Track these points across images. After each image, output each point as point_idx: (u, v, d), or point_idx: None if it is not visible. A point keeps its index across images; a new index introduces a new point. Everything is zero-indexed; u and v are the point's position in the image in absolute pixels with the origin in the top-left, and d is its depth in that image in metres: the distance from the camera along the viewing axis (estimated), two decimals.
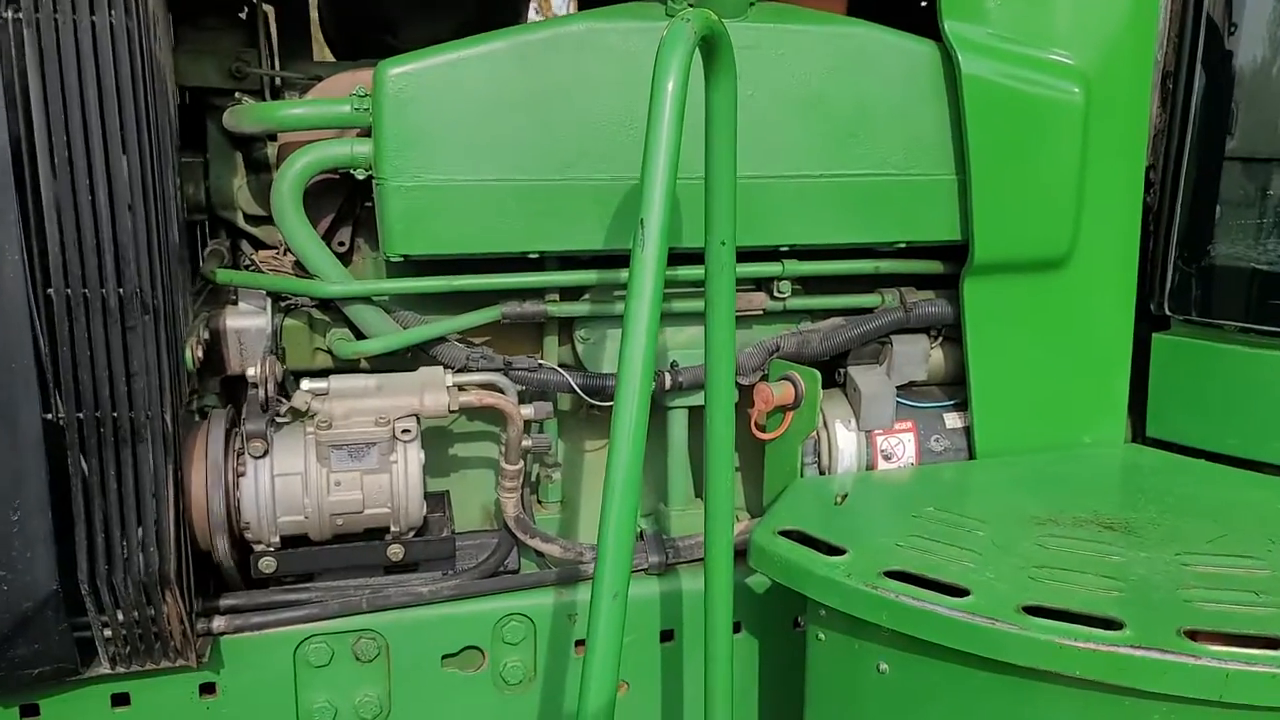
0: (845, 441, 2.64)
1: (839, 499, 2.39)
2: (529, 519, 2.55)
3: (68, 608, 2.06)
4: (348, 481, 2.26)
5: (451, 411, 2.32)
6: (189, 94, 2.67)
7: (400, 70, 2.24)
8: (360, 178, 2.33)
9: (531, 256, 2.42)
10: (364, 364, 2.56)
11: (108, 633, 2.12)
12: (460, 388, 2.38)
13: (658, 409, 2.65)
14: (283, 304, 2.51)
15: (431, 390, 2.32)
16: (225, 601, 2.35)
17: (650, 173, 1.77)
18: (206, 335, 2.36)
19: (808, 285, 2.73)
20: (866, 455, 2.65)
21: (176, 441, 2.07)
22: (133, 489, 2.04)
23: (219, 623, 2.31)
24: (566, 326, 2.64)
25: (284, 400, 2.29)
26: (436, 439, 2.69)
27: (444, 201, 2.30)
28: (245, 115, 2.33)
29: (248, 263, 2.62)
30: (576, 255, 2.49)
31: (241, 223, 2.65)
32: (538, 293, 2.53)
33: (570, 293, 2.58)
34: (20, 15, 1.85)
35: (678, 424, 2.67)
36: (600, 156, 2.36)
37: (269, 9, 2.85)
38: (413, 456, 2.30)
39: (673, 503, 2.72)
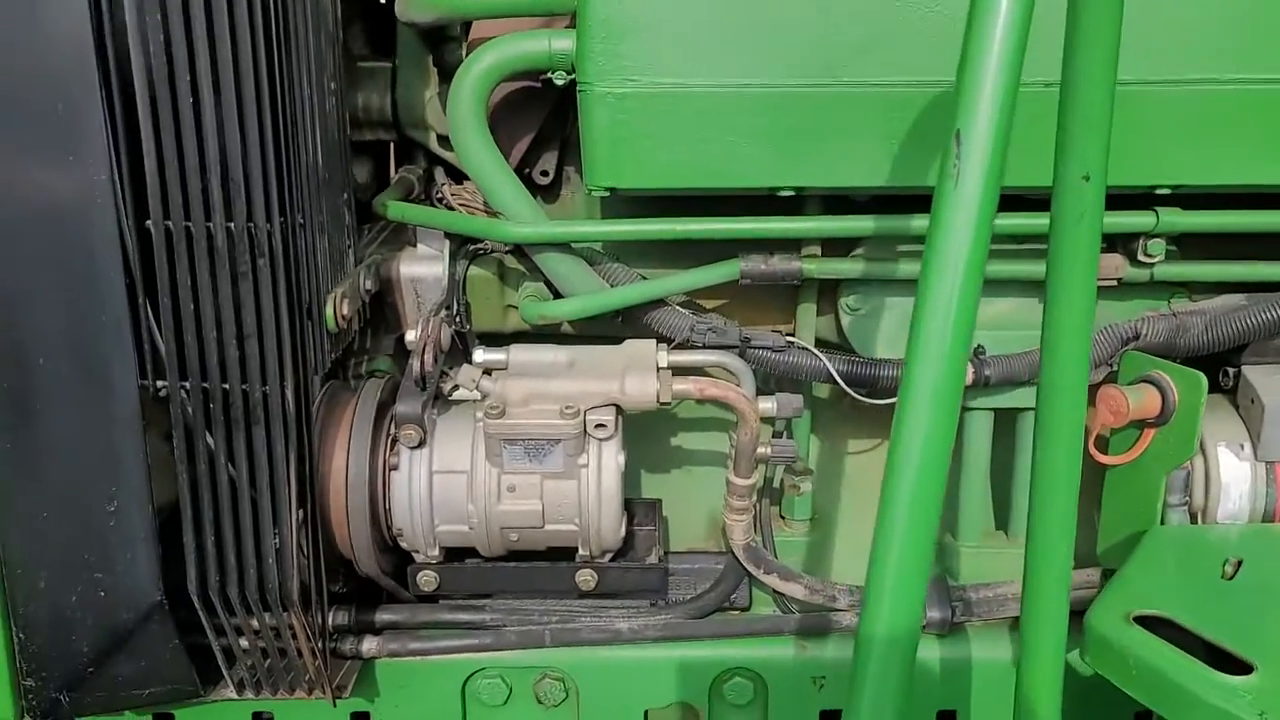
0: (1233, 475, 1.81)
1: (1228, 568, 1.59)
2: (764, 548, 1.91)
3: (178, 621, 1.65)
4: (524, 487, 1.71)
5: (662, 403, 1.71)
6: None
7: None
8: (560, 84, 1.75)
9: (784, 194, 1.75)
10: (569, 331, 2.00)
11: (228, 647, 1.71)
12: (678, 370, 1.76)
13: None
14: (471, 248, 1.99)
15: (637, 372, 1.71)
16: (382, 616, 1.89)
17: (975, 65, 1.07)
18: (369, 285, 1.87)
19: (1186, 246, 1.89)
20: (1268, 498, 1.80)
21: (303, 423, 1.59)
22: (247, 482, 1.58)
23: (371, 645, 1.85)
24: (829, 292, 1.95)
25: (450, 374, 1.77)
26: (653, 422, 2.10)
27: (666, 114, 1.67)
28: None
29: (439, 195, 2.12)
30: (848, 194, 1.80)
31: (434, 145, 2.14)
32: (791, 244, 1.86)
33: (836, 245, 1.89)
34: None
35: (978, 432, 1.94)
36: (890, 50, 1.64)
37: None
38: (609, 460, 1.71)
39: (964, 536, 2.00)
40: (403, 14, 1.82)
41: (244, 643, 1.70)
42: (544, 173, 2.04)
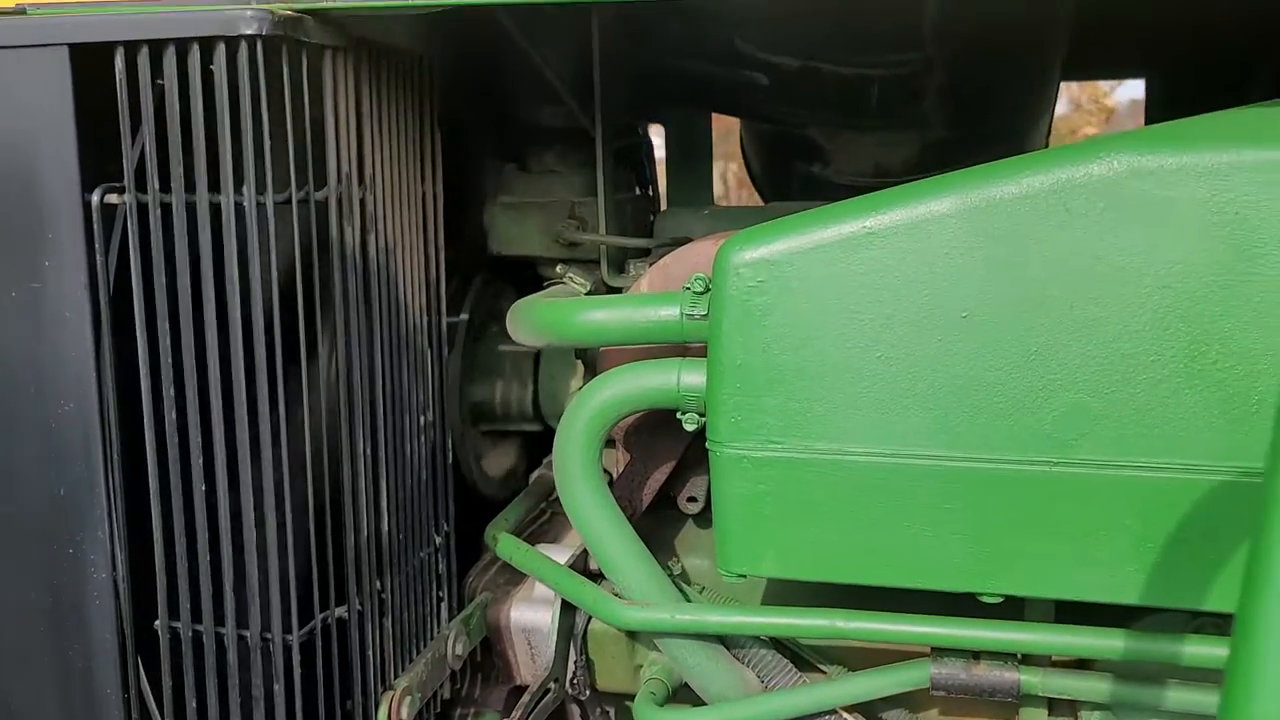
0: None
1: None
2: None
3: None
4: None
5: None
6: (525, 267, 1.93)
7: (757, 254, 1.23)
8: (690, 428, 1.36)
9: (988, 601, 1.26)
10: None
11: None
12: None
13: None
14: None
15: None
16: None
17: None
18: (460, 649, 1.52)
19: None
20: None
21: None
22: None
23: None
24: (1061, 710, 1.41)
25: None
26: None
27: (822, 489, 1.24)
28: (519, 319, 1.47)
29: None
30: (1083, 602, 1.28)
31: None
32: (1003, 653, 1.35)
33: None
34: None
35: None
36: (1146, 420, 1.14)
37: (658, 134, 2.03)
38: None
39: None
40: (512, 332, 1.50)
41: None
42: (692, 499, 1.65)
